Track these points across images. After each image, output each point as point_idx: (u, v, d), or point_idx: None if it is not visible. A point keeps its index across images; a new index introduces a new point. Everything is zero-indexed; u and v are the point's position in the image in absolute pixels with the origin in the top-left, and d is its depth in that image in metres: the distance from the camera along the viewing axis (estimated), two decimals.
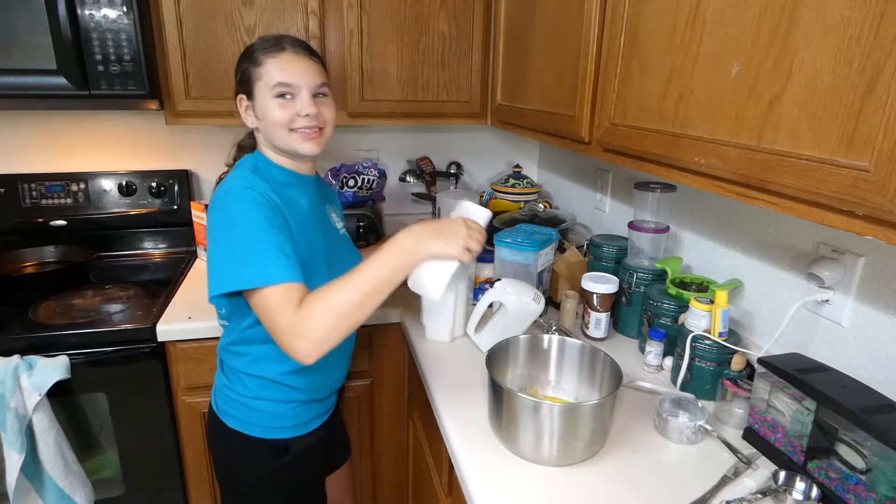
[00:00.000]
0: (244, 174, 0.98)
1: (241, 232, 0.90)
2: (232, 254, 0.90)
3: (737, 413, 1.01)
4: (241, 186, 0.94)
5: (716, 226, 1.25)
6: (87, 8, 1.36)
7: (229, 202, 0.93)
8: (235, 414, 1.07)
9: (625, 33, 0.99)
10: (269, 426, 1.07)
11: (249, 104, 1.03)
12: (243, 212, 0.91)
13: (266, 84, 0.98)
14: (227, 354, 1.08)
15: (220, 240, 0.92)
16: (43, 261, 1.71)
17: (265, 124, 1.01)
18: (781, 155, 0.67)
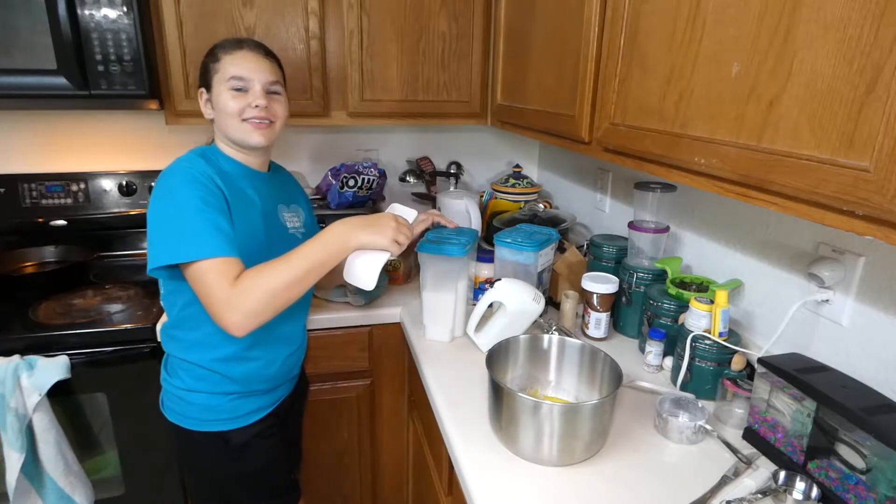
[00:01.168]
0: (189, 157, 1.04)
1: (180, 208, 0.94)
2: (170, 228, 0.94)
3: (737, 413, 1.01)
4: (183, 168, 0.99)
5: (716, 226, 1.25)
6: (87, 8, 1.36)
7: (170, 181, 0.97)
8: (173, 407, 1.10)
9: (625, 33, 0.99)
10: (204, 419, 1.08)
11: (208, 97, 1.08)
12: (183, 189, 0.96)
13: (222, 77, 1.04)
14: (165, 338, 1.10)
15: (159, 215, 0.96)
16: (43, 261, 1.71)
17: (220, 114, 1.06)
18: (781, 155, 0.67)
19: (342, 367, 1.52)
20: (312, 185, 1.95)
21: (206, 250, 0.92)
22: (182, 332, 1.07)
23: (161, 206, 0.96)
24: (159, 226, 0.96)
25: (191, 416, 1.08)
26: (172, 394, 1.09)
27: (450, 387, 1.13)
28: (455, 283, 1.27)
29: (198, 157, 1.04)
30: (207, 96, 1.08)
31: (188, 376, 1.07)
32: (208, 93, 1.08)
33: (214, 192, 0.98)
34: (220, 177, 1.02)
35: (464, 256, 1.25)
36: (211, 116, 1.09)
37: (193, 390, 1.07)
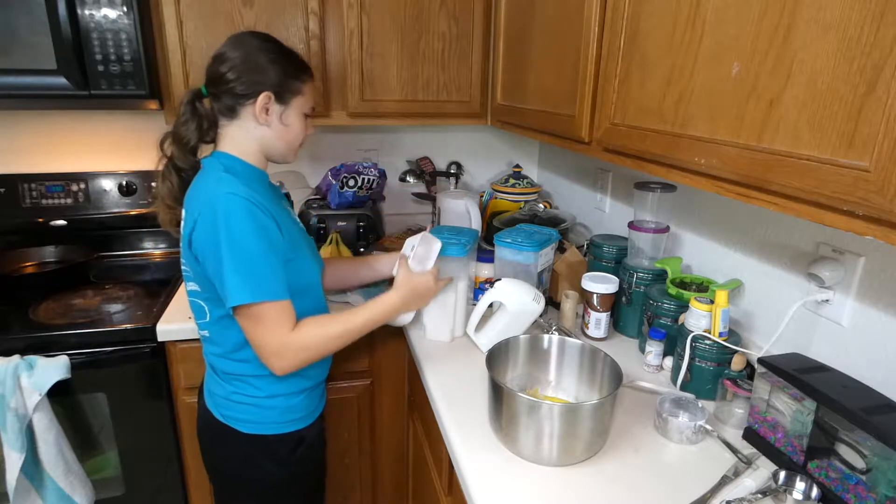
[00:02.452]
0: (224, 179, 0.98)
1: (248, 246, 0.94)
2: (240, 267, 0.93)
3: (737, 413, 1.01)
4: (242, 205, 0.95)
5: (716, 226, 1.25)
6: (87, 8, 1.36)
7: (229, 213, 0.94)
8: (247, 418, 1.07)
9: (625, 33, 0.99)
10: (284, 420, 1.09)
11: (279, 109, 1.05)
12: (245, 225, 0.94)
13: (304, 102, 1.08)
14: (226, 362, 1.07)
15: (228, 252, 0.93)
16: (43, 261, 1.71)
17: (283, 133, 1.06)
18: (781, 155, 0.67)
19: (342, 367, 1.52)
20: (312, 185, 1.95)
21: (274, 292, 0.95)
22: (247, 353, 1.04)
23: (227, 241, 0.93)
24: (230, 263, 0.93)
25: (269, 422, 1.08)
26: (246, 404, 1.07)
27: (450, 387, 1.13)
28: (455, 283, 1.27)
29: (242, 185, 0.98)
30: (279, 108, 1.04)
31: (266, 384, 1.06)
32: (279, 104, 1.04)
33: (268, 216, 0.98)
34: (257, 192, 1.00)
35: (464, 256, 1.26)
36: (265, 124, 1.04)
37: (274, 395, 1.07)
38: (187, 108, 1.05)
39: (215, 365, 1.09)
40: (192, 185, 1.04)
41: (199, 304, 1.06)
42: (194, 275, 1.02)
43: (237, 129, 1.05)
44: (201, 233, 0.95)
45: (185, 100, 1.05)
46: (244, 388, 1.07)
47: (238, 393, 1.07)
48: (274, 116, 1.05)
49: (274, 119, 1.05)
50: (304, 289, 1.07)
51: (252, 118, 1.04)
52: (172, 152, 1.06)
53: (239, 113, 1.04)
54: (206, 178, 1.01)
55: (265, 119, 1.04)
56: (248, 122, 1.04)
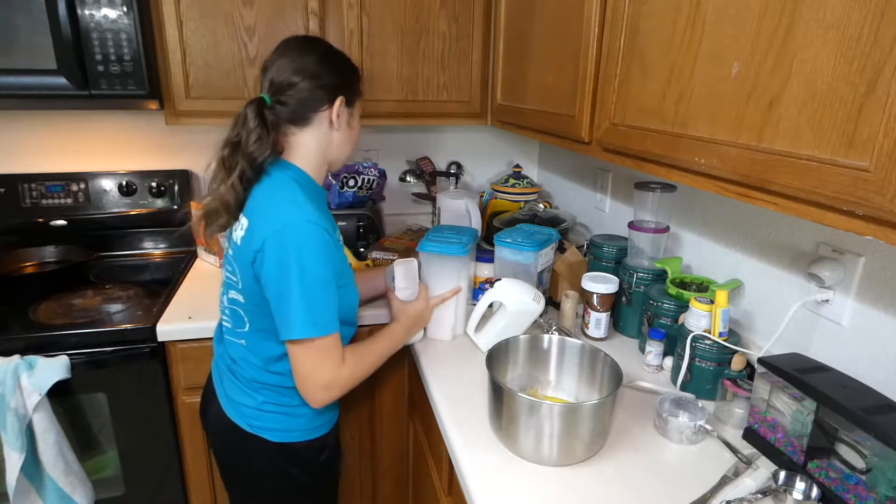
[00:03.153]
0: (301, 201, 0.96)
1: (318, 280, 0.94)
2: (311, 301, 0.93)
3: (737, 413, 1.01)
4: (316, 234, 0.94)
5: (716, 226, 1.25)
6: (87, 8, 1.36)
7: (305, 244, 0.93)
8: (277, 427, 1.06)
9: (625, 33, 0.99)
10: (311, 427, 1.09)
11: (345, 110, 1.06)
12: (319, 257, 0.94)
13: (361, 105, 1.13)
14: (260, 373, 1.05)
15: (299, 284, 0.92)
16: (43, 261, 1.71)
17: (349, 136, 1.09)
18: (781, 155, 0.67)
19: None
20: None
21: (331, 326, 0.96)
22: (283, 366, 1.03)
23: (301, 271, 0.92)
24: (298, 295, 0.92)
25: (298, 429, 1.08)
26: (277, 413, 1.06)
27: (450, 387, 1.13)
28: (456, 282, 1.28)
29: (315, 209, 0.96)
30: (347, 112, 1.06)
31: (297, 394, 1.04)
32: (348, 108, 1.06)
33: (337, 247, 1.01)
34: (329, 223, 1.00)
35: (465, 255, 1.26)
36: (336, 129, 1.05)
37: (304, 403, 1.04)
38: (257, 122, 0.97)
39: (246, 374, 1.06)
40: (258, 193, 1.01)
41: (240, 314, 1.04)
42: (243, 287, 1.00)
43: (309, 136, 1.03)
44: (272, 256, 0.92)
45: (252, 114, 0.97)
46: (276, 397, 1.06)
47: (269, 402, 1.06)
48: (344, 120, 1.06)
49: (344, 123, 1.06)
50: (349, 314, 1.10)
51: (326, 124, 1.04)
52: (243, 168, 0.98)
53: (311, 120, 1.02)
54: (277, 193, 0.98)
55: (338, 123, 1.05)
56: (322, 128, 1.04)
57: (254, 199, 1.01)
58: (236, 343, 1.08)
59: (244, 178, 1.00)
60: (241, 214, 1.02)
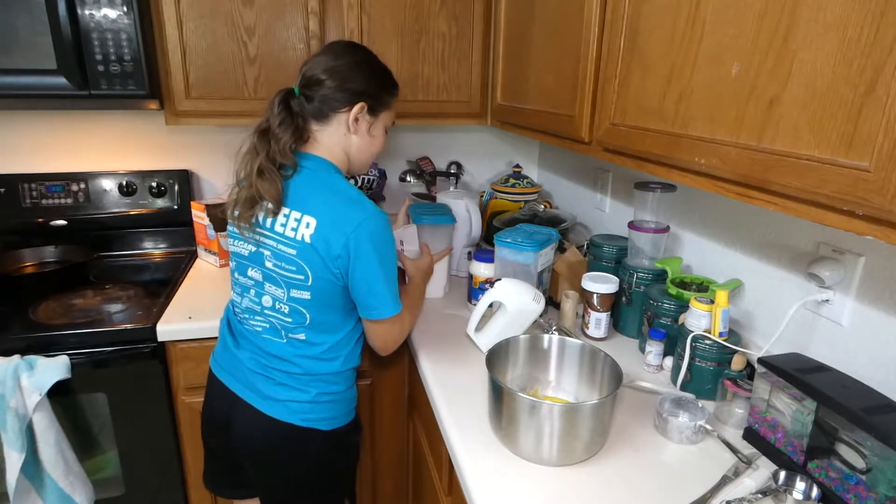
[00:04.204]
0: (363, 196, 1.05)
1: (393, 261, 1.08)
2: (392, 281, 1.07)
3: (737, 413, 1.01)
4: (379, 212, 1.03)
5: (716, 226, 1.25)
6: (87, 8, 1.36)
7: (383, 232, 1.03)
8: (329, 415, 1.11)
9: (625, 33, 0.99)
10: (350, 410, 1.17)
11: (367, 117, 1.10)
12: (391, 242, 1.06)
13: (389, 118, 1.16)
14: (315, 363, 1.09)
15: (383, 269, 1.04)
16: (43, 261, 1.71)
17: (369, 145, 1.13)
18: (781, 155, 0.67)
19: None
20: None
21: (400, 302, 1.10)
22: (338, 352, 1.11)
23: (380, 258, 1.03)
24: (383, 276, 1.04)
25: (343, 413, 1.15)
26: (331, 402, 1.11)
27: (450, 387, 1.13)
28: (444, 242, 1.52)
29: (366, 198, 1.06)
30: (369, 119, 1.11)
31: (344, 379, 1.14)
32: (370, 116, 1.10)
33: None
34: None
35: (454, 223, 1.54)
36: (353, 133, 1.10)
37: (350, 387, 1.16)
38: (281, 107, 1.05)
39: (299, 369, 1.08)
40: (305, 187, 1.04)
41: (301, 310, 1.06)
42: (314, 283, 1.03)
43: (328, 135, 1.09)
44: (358, 250, 1.00)
45: (278, 99, 1.05)
46: (327, 387, 1.10)
47: (323, 393, 1.10)
48: (363, 126, 1.10)
49: (363, 129, 1.10)
50: None
51: (344, 126, 1.08)
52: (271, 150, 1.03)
53: (331, 119, 1.07)
54: (338, 188, 1.04)
55: (355, 128, 1.09)
56: (340, 129, 1.09)
57: (302, 193, 1.04)
58: (282, 342, 1.08)
59: (275, 162, 1.04)
60: (297, 210, 1.02)
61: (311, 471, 1.12)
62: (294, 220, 1.02)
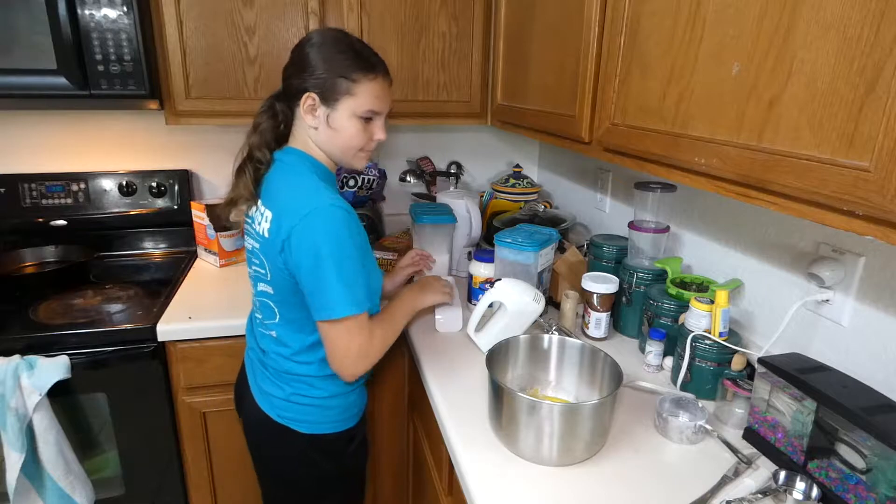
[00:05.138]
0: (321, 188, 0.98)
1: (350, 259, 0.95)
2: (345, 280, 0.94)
3: (737, 413, 1.01)
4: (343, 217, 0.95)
5: (716, 226, 1.25)
6: (87, 8, 1.36)
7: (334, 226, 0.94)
8: (307, 418, 1.08)
9: (625, 33, 0.99)
10: (341, 419, 1.11)
11: (326, 111, 1.00)
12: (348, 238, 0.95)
13: (356, 105, 1.00)
14: (290, 364, 1.07)
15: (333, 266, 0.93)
16: (43, 261, 1.71)
17: (336, 137, 1.02)
18: (781, 155, 0.67)
19: None
20: None
21: (364, 304, 0.98)
22: (311, 356, 1.06)
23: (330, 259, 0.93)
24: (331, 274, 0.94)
25: (328, 421, 1.09)
26: (308, 406, 1.08)
27: (450, 387, 1.13)
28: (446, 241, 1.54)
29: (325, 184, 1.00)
30: (324, 110, 1.00)
31: (328, 384, 1.08)
32: (325, 106, 1.00)
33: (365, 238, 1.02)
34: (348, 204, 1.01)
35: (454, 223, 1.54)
36: (314, 126, 1.02)
37: (335, 395, 1.09)
38: (268, 100, 1.06)
39: (276, 365, 1.09)
40: (274, 181, 1.03)
41: (270, 305, 1.06)
42: (272, 278, 1.02)
43: (298, 128, 1.05)
44: (302, 242, 0.93)
45: (272, 94, 1.06)
46: (305, 389, 1.07)
47: (298, 394, 1.07)
48: (320, 119, 1.01)
49: (321, 122, 1.01)
50: (374, 293, 1.09)
51: (303, 119, 1.02)
52: (252, 142, 1.05)
53: (295, 112, 1.03)
54: (296, 180, 1.00)
55: (312, 121, 1.01)
56: (303, 123, 1.03)
57: (271, 187, 1.03)
58: (266, 335, 1.09)
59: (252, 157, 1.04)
60: (263, 205, 1.03)
61: (292, 470, 1.12)
62: (259, 214, 1.03)
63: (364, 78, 0.99)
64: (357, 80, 0.98)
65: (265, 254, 1.02)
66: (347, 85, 0.98)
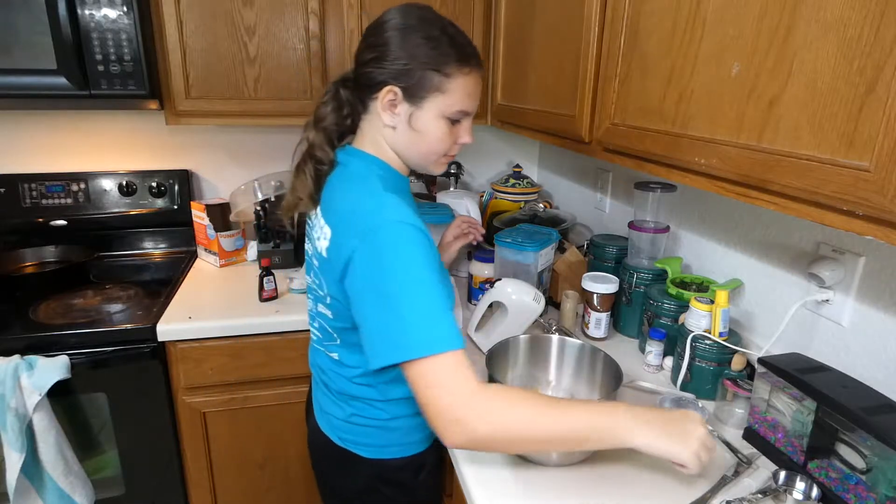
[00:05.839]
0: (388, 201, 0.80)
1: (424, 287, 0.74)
2: (421, 312, 0.73)
3: (737, 413, 1.01)
4: (401, 222, 0.77)
5: (716, 226, 1.25)
6: (87, 8, 1.36)
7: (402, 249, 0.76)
8: (369, 441, 0.96)
9: (625, 33, 0.99)
10: (406, 443, 0.97)
11: (403, 104, 0.84)
12: (418, 257, 0.75)
13: (446, 104, 0.84)
14: (350, 385, 0.94)
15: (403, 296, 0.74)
16: (43, 261, 1.71)
17: (417, 140, 0.86)
18: (781, 155, 0.67)
19: None
20: None
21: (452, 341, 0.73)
22: (374, 380, 0.93)
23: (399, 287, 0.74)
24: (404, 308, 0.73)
25: (392, 444, 0.96)
26: (369, 427, 0.95)
27: None
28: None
29: (404, 204, 0.80)
30: (407, 108, 0.84)
31: (390, 406, 0.94)
32: (408, 103, 0.84)
33: (438, 259, 0.81)
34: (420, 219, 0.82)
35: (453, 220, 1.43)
36: (391, 124, 0.86)
37: (397, 416, 0.95)
38: (332, 87, 0.90)
39: (335, 385, 0.96)
40: (335, 189, 0.88)
41: (328, 329, 0.93)
42: (332, 302, 0.88)
43: (370, 126, 0.89)
44: (362, 269, 0.77)
45: (334, 80, 0.91)
46: (366, 409, 0.94)
47: (359, 415, 0.95)
48: (400, 117, 0.85)
49: (401, 120, 0.85)
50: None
51: (378, 115, 0.86)
52: (313, 138, 0.90)
53: (368, 108, 0.87)
54: (358, 190, 0.84)
55: (390, 119, 0.85)
56: (377, 121, 0.87)
57: (330, 196, 0.88)
58: (325, 354, 0.98)
59: (314, 156, 0.90)
60: (322, 217, 0.89)
61: (354, 495, 1.00)
62: (319, 228, 0.89)
63: (458, 72, 0.83)
64: (450, 74, 0.82)
65: (324, 275, 0.87)
66: (439, 80, 0.82)
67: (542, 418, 0.73)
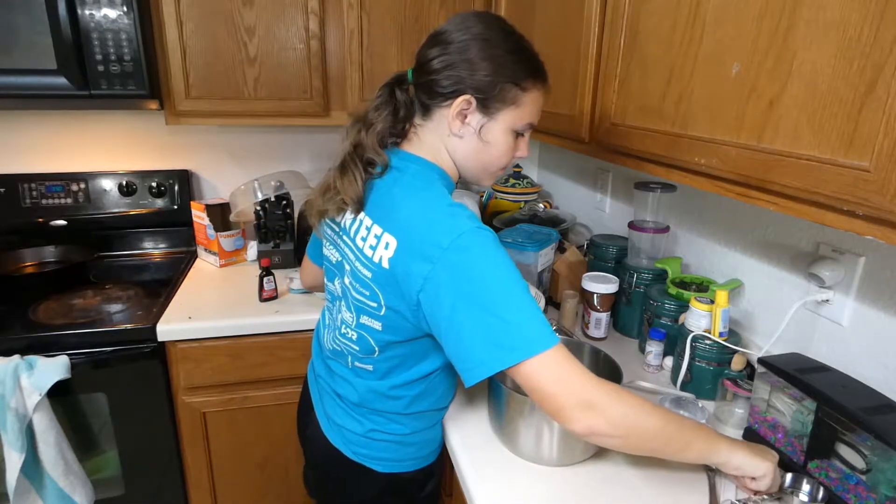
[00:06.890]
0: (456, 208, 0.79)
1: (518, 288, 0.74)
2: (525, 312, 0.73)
3: (737, 413, 1.01)
4: (479, 228, 0.76)
5: (716, 226, 1.25)
6: (87, 8, 1.36)
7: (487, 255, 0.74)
8: (386, 456, 0.94)
9: (625, 33, 0.99)
10: (420, 456, 0.97)
11: (476, 115, 0.83)
12: (504, 262, 0.75)
13: (517, 117, 0.84)
14: (376, 398, 0.92)
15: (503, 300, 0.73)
16: (43, 261, 1.71)
17: (484, 151, 0.85)
18: (781, 155, 0.67)
19: None
20: (312, 185, 1.94)
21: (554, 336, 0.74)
22: (403, 392, 0.91)
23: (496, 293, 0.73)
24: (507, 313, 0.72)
25: (407, 459, 0.96)
26: (388, 442, 0.94)
27: None
28: None
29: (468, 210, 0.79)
30: (479, 118, 0.83)
31: (411, 420, 0.94)
32: (481, 114, 0.83)
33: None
34: None
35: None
36: (459, 134, 0.84)
37: (416, 431, 0.95)
38: (385, 90, 0.89)
39: (354, 397, 0.94)
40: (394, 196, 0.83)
41: (369, 341, 0.88)
42: (388, 314, 0.83)
43: (430, 133, 0.87)
44: (451, 281, 0.74)
45: (387, 81, 0.90)
46: (387, 425, 0.93)
47: (379, 430, 0.93)
48: (471, 127, 0.84)
49: (470, 131, 0.84)
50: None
51: (446, 123, 0.84)
52: (360, 140, 0.88)
53: (433, 114, 0.86)
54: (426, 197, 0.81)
55: (459, 129, 0.84)
56: (442, 128, 0.85)
57: (388, 203, 0.84)
58: (348, 365, 0.95)
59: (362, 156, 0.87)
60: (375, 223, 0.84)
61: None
62: (374, 237, 0.83)
63: (534, 86, 0.84)
64: (527, 88, 0.83)
65: (381, 287, 0.82)
66: (515, 93, 0.82)
67: (653, 407, 0.75)
